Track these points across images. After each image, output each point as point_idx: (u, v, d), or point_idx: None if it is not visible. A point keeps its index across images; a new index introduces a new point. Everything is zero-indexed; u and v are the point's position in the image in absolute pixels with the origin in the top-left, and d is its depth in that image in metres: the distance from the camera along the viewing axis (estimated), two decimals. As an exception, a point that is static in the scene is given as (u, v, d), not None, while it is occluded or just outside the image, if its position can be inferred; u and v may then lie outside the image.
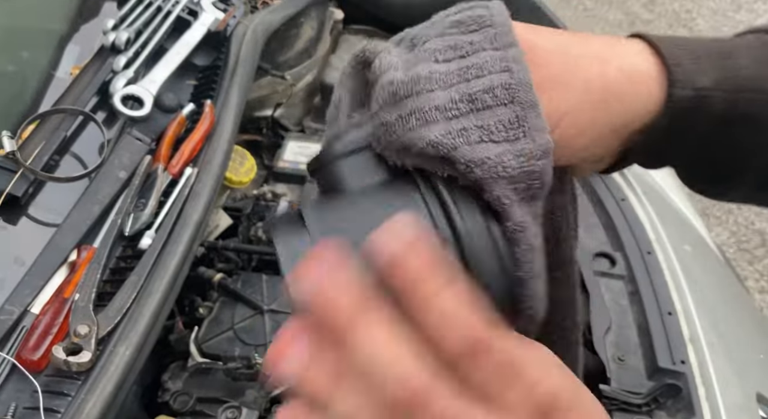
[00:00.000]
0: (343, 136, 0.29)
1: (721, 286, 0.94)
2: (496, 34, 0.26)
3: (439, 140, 0.25)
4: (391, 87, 0.26)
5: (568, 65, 0.27)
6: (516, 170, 0.24)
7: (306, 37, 1.09)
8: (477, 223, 0.25)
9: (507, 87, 0.25)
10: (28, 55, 0.81)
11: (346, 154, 0.29)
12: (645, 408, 0.67)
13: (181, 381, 0.73)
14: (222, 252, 0.90)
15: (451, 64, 0.26)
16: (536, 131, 0.25)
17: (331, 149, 0.29)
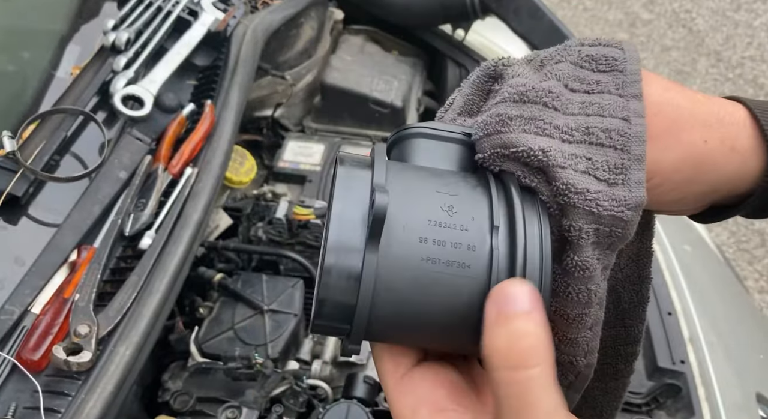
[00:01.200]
0: (431, 123, 0.29)
1: (720, 286, 0.94)
2: (624, 83, 0.27)
3: (548, 150, 0.25)
4: (522, 87, 0.26)
5: (674, 124, 0.27)
6: (606, 212, 0.25)
7: (306, 37, 1.09)
8: (534, 237, 0.25)
9: (623, 134, 0.25)
10: (29, 56, 0.81)
11: (431, 136, 0.29)
12: (645, 407, 0.67)
13: (181, 380, 0.73)
14: (222, 252, 0.90)
15: (575, 96, 0.27)
16: (635, 184, 0.25)
17: (419, 126, 0.29)
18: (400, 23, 1.16)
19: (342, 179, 0.26)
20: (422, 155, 0.29)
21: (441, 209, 0.25)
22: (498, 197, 0.26)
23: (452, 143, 0.29)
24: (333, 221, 0.25)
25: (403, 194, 0.26)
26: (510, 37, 1.03)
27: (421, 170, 0.28)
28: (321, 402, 0.73)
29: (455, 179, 0.27)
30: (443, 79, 1.16)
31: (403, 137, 0.30)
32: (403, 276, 0.25)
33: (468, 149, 0.29)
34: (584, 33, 2.61)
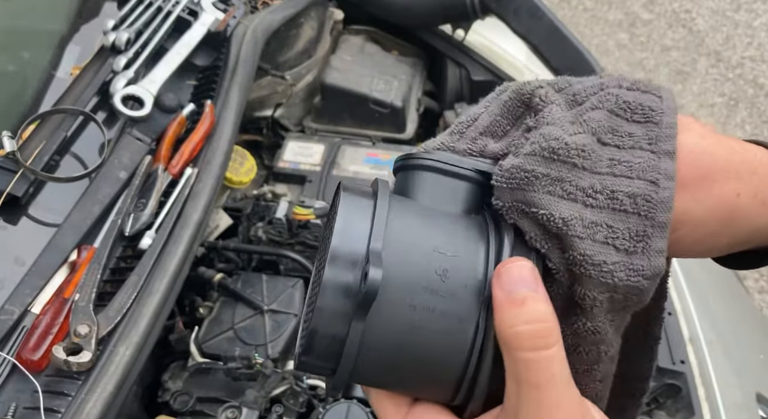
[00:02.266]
0: (443, 155, 0.29)
1: (720, 286, 0.94)
2: (658, 137, 0.26)
3: (569, 220, 0.25)
4: (554, 143, 0.25)
5: (707, 175, 0.26)
6: (623, 282, 0.25)
7: (306, 37, 1.09)
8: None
9: (649, 200, 0.25)
10: (29, 56, 0.81)
11: (442, 171, 0.28)
12: (645, 407, 0.67)
13: (181, 380, 0.73)
14: (222, 252, 0.90)
15: (606, 150, 0.26)
16: (655, 253, 0.25)
17: (430, 158, 0.28)
18: (400, 23, 1.16)
19: (342, 216, 0.26)
20: (429, 192, 0.28)
21: (435, 272, 0.26)
22: (492, 263, 0.26)
23: (461, 181, 0.28)
24: (325, 278, 0.25)
25: (401, 253, 0.26)
26: (510, 38, 1.03)
27: (423, 215, 0.27)
28: (321, 402, 0.73)
29: (457, 231, 0.27)
30: (443, 79, 1.16)
31: (411, 166, 0.29)
32: (388, 340, 0.25)
33: (477, 188, 0.28)
34: (584, 33, 2.61)
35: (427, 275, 0.25)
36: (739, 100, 2.30)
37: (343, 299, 0.25)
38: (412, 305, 0.25)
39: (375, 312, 0.25)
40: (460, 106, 1.08)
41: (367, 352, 0.25)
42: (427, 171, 0.28)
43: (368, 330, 0.25)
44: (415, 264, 0.26)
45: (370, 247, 0.25)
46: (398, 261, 0.25)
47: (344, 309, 0.25)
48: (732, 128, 2.21)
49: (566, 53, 0.94)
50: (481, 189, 0.28)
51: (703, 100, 2.32)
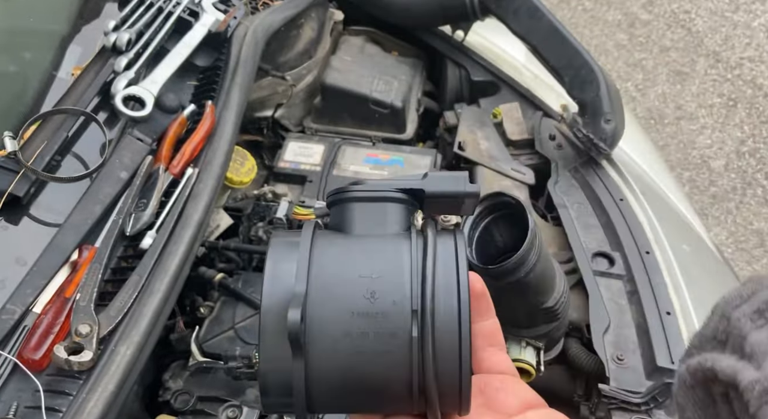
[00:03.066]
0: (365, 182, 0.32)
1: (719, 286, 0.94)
2: None
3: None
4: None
5: None
6: None
7: (306, 38, 1.10)
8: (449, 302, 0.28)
9: None
10: (30, 56, 0.81)
11: (363, 198, 0.31)
12: (644, 407, 0.67)
13: (182, 380, 0.74)
14: (223, 252, 0.90)
15: None
16: None
17: (350, 189, 0.31)
18: (400, 24, 1.17)
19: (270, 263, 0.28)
20: (357, 221, 0.30)
21: (363, 297, 0.27)
22: (416, 275, 0.28)
23: (385, 203, 0.30)
24: (262, 325, 0.27)
25: (326, 288, 0.28)
26: (509, 38, 1.03)
27: (348, 246, 0.30)
28: (321, 402, 0.73)
29: (383, 252, 0.29)
30: (443, 80, 1.17)
31: (339, 200, 0.31)
32: (333, 370, 0.27)
33: (402, 205, 0.31)
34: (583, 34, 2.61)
35: (356, 302, 0.27)
36: (737, 100, 2.30)
37: (281, 342, 0.27)
38: (346, 332, 0.27)
39: (313, 347, 0.27)
40: (460, 106, 1.09)
41: (317, 384, 0.27)
42: (352, 202, 0.31)
43: (311, 364, 0.27)
44: (342, 294, 0.28)
45: (293, 291, 0.27)
46: (324, 296, 0.27)
47: (283, 351, 0.27)
48: (731, 128, 2.22)
49: (565, 54, 0.94)
50: (407, 205, 0.31)
51: (702, 100, 2.32)
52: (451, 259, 0.28)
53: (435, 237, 0.28)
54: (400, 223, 0.30)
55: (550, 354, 0.74)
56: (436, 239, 0.28)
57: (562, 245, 0.86)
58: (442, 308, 0.27)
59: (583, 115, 0.94)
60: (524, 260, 0.56)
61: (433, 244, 0.28)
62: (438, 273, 0.28)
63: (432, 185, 0.31)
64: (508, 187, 0.94)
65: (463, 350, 0.27)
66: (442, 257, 0.28)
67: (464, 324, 0.27)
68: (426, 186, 0.31)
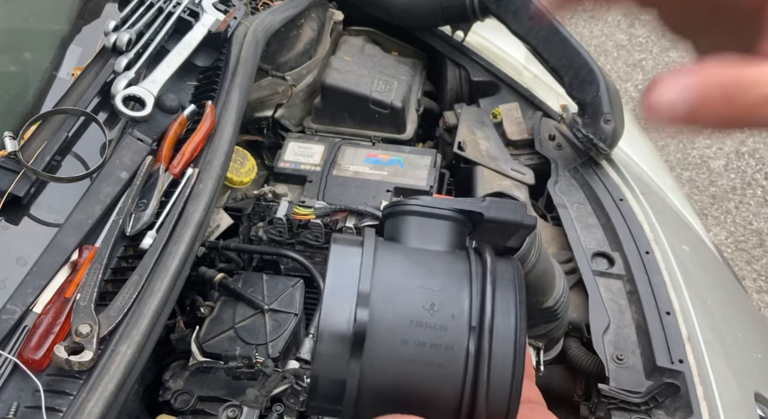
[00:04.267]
0: (424, 199, 0.32)
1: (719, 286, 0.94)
2: None
3: None
4: None
5: None
6: None
7: (306, 38, 1.10)
8: (507, 324, 0.28)
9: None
10: (30, 56, 0.81)
11: (423, 213, 0.31)
12: (644, 406, 0.67)
13: (182, 380, 0.74)
14: (223, 252, 0.90)
15: None
16: None
17: (411, 203, 0.32)
18: (400, 24, 1.17)
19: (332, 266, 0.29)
20: (414, 234, 0.31)
21: (423, 307, 0.28)
22: (476, 292, 0.28)
23: (442, 220, 0.31)
24: (322, 325, 0.27)
25: (389, 293, 0.28)
26: (509, 38, 1.03)
27: (409, 256, 0.30)
28: (321, 402, 0.73)
29: (442, 267, 0.29)
30: (443, 80, 1.17)
31: (397, 212, 0.32)
32: (386, 376, 0.27)
33: (458, 225, 0.31)
34: (583, 33, 2.62)
35: (416, 311, 0.28)
36: (737, 100, 2.30)
37: (339, 343, 0.27)
38: (404, 340, 0.27)
39: (369, 351, 0.27)
40: (460, 106, 1.09)
41: (367, 390, 0.27)
42: (411, 215, 0.31)
43: (365, 368, 0.27)
44: (403, 302, 0.28)
45: (358, 291, 0.27)
46: (386, 301, 0.28)
47: (341, 352, 0.27)
48: (730, 128, 2.22)
49: (565, 54, 0.94)
50: (462, 226, 0.31)
51: (702, 100, 2.32)
52: (510, 283, 0.29)
53: (494, 260, 0.29)
54: (454, 242, 0.31)
55: (550, 353, 0.74)
56: (495, 262, 0.29)
57: (562, 245, 0.86)
58: (500, 329, 0.28)
59: (582, 115, 0.94)
60: (524, 260, 0.56)
61: (493, 266, 0.29)
62: (497, 295, 0.28)
63: (492, 211, 0.31)
64: (507, 187, 0.94)
65: (517, 371, 0.27)
66: (501, 280, 0.29)
67: (520, 346, 0.28)
68: (486, 211, 0.31)
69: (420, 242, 0.31)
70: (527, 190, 0.95)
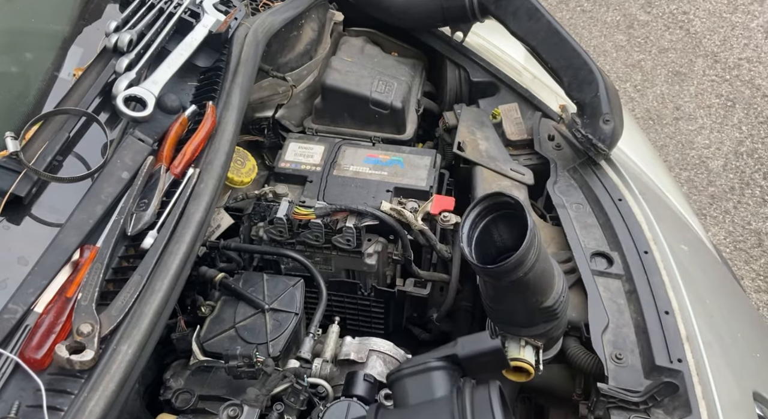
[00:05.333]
0: (412, 359, 0.40)
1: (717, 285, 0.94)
2: None
3: None
4: None
5: None
6: None
7: (307, 38, 1.10)
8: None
9: None
10: (32, 57, 0.81)
11: (414, 373, 0.39)
12: (642, 406, 0.68)
13: (183, 379, 0.74)
14: (223, 252, 0.90)
15: None
16: None
17: (399, 369, 0.40)
18: (400, 25, 1.17)
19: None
20: (412, 393, 0.39)
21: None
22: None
23: (429, 373, 0.38)
24: None
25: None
26: (508, 39, 1.03)
27: (406, 415, 0.37)
28: (321, 401, 0.74)
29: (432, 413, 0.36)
30: (442, 81, 1.17)
31: (394, 380, 0.40)
32: None
33: (444, 371, 0.38)
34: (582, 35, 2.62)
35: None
36: (736, 101, 2.31)
37: None
38: None
39: None
40: (459, 107, 1.09)
41: None
42: (403, 379, 0.39)
43: None
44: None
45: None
46: None
47: None
48: (729, 128, 2.22)
49: (564, 55, 0.95)
50: (449, 369, 0.38)
51: (701, 101, 2.33)
52: (487, 406, 0.36)
53: (472, 391, 0.36)
54: (446, 386, 0.38)
55: (549, 353, 0.74)
56: (473, 392, 0.36)
57: (561, 245, 0.86)
58: None
59: (581, 115, 0.94)
60: (523, 259, 0.57)
61: (471, 397, 0.36)
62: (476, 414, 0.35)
63: (461, 349, 0.39)
64: (507, 187, 0.94)
65: None
66: (479, 407, 0.36)
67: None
68: (457, 350, 0.39)
69: (416, 397, 0.38)
70: (526, 190, 0.95)
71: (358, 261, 0.91)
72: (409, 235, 0.90)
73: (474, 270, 0.61)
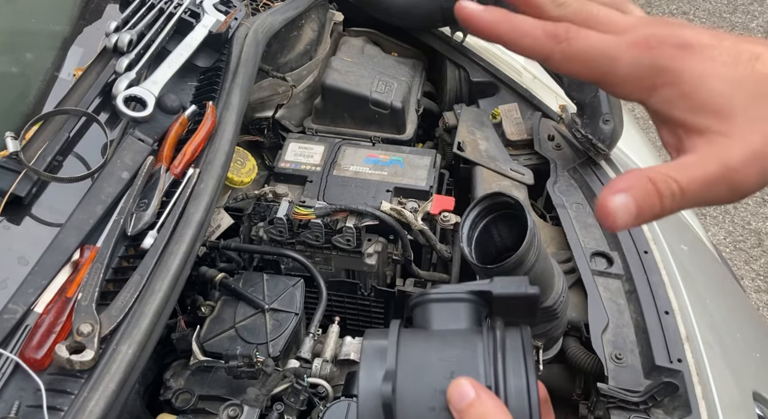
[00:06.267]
0: (441, 287, 0.38)
1: (717, 285, 0.94)
2: None
3: None
4: None
5: None
6: None
7: (307, 38, 1.10)
8: (518, 387, 0.32)
9: None
10: (32, 57, 0.81)
11: (439, 299, 0.37)
12: (642, 406, 0.68)
13: (183, 379, 0.74)
14: (223, 252, 0.90)
15: None
16: None
17: (428, 292, 0.38)
18: (400, 25, 1.17)
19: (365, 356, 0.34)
20: (436, 318, 0.37)
21: (444, 377, 0.33)
22: (488, 358, 0.33)
23: (458, 303, 0.37)
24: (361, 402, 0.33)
25: (413, 369, 0.33)
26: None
27: (429, 337, 0.36)
28: (322, 401, 0.74)
29: (458, 341, 0.35)
30: (442, 81, 1.17)
31: (420, 302, 0.39)
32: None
33: (472, 305, 0.37)
34: (582, 34, 2.62)
35: (439, 380, 0.32)
36: (736, 101, 2.31)
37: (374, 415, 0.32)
38: (431, 407, 0.32)
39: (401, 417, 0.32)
40: (459, 107, 1.09)
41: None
42: (430, 303, 0.37)
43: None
44: (425, 373, 0.33)
45: (385, 369, 0.33)
46: (411, 375, 0.33)
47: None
48: (729, 129, 2.22)
49: (564, 55, 0.94)
50: (477, 305, 0.37)
51: (701, 101, 2.33)
52: (519, 347, 0.34)
53: (504, 330, 0.35)
54: (471, 320, 0.37)
55: (549, 353, 0.74)
56: (504, 331, 0.35)
57: (561, 245, 0.86)
58: (513, 387, 0.32)
59: (581, 115, 0.94)
60: (523, 259, 0.57)
61: (502, 334, 0.34)
62: (507, 358, 0.33)
63: (497, 287, 0.37)
64: (507, 187, 0.95)
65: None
66: (511, 345, 0.34)
67: (533, 401, 0.32)
68: (492, 288, 0.37)
69: (440, 324, 0.37)
70: (526, 190, 0.95)
71: (358, 261, 0.91)
72: (409, 235, 0.90)
73: (474, 270, 0.61)
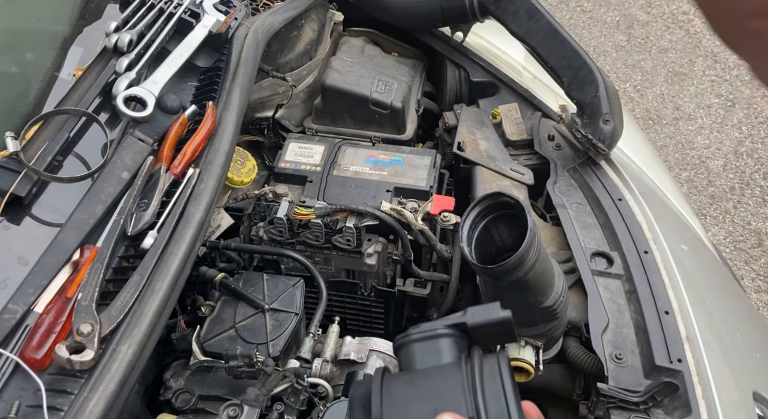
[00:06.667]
0: (420, 326, 0.39)
1: (717, 285, 0.94)
2: None
3: None
4: None
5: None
6: None
7: (307, 38, 1.10)
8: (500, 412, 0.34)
9: None
10: (32, 57, 0.81)
11: (420, 339, 0.39)
12: (642, 406, 0.68)
13: (183, 379, 0.74)
14: (223, 252, 0.90)
15: None
16: None
17: (408, 334, 0.39)
18: (400, 25, 1.17)
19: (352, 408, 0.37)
20: (418, 359, 0.39)
21: (428, 414, 0.35)
22: (468, 389, 0.35)
23: (436, 340, 0.38)
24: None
25: (399, 414, 0.36)
26: (508, 39, 1.03)
27: (413, 379, 0.37)
28: (321, 401, 0.74)
29: (440, 377, 0.36)
30: (442, 81, 1.17)
31: (400, 346, 0.40)
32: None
33: (452, 338, 0.38)
34: (582, 35, 2.62)
35: (422, 416, 0.34)
36: (736, 101, 2.31)
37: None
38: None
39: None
40: (459, 107, 1.09)
41: None
42: (412, 343, 0.39)
43: None
44: (411, 415, 0.35)
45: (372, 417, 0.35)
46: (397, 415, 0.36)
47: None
48: (729, 128, 2.22)
49: (564, 55, 0.95)
50: (457, 337, 0.38)
51: (701, 101, 2.33)
52: (497, 374, 0.35)
53: (481, 359, 0.36)
54: (453, 353, 0.38)
55: (549, 353, 0.74)
56: (482, 360, 0.36)
57: (561, 245, 0.86)
58: (494, 413, 0.34)
59: (581, 115, 0.94)
60: (523, 259, 0.57)
61: (480, 363, 0.36)
62: (486, 386, 0.35)
63: (470, 318, 0.38)
64: (507, 187, 0.95)
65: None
66: (488, 373, 0.35)
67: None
68: (467, 319, 0.38)
69: (423, 363, 0.38)
70: (526, 190, 0.95)
71: (358, 261, 0.91)
72: (409, 235, 0.90)
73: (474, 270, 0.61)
